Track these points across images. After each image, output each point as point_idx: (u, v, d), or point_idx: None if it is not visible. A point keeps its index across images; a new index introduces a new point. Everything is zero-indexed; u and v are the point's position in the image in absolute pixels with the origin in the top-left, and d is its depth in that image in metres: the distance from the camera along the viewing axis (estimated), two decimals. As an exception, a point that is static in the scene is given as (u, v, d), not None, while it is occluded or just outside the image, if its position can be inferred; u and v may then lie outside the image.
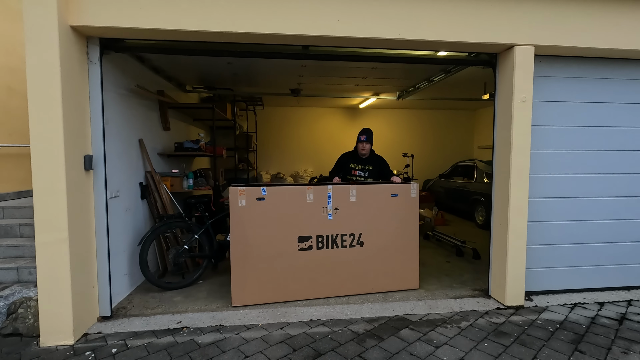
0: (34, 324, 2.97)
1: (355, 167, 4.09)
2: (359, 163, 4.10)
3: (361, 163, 4.10)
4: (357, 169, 4.08)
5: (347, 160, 4.17)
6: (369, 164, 4.07)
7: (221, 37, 3.06)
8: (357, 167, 4.09)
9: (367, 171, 4.05)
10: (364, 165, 4.08)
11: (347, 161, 4.16)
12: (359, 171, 4.07)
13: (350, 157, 4.17)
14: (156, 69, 4.74)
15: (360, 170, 4.07)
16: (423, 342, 2.85)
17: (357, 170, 4.07)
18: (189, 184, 4.82)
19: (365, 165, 4.08)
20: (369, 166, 4.06)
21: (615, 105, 3.72)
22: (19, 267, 3.43)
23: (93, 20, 2.82)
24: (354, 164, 4.11)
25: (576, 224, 3.73)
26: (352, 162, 4.13)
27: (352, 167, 4.11)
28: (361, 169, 4.07)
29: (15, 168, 5.20)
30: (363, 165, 4.08)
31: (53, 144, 2.72)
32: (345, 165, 4.15)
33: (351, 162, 4.13)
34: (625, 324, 3.17)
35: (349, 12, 3.04)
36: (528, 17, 3.26)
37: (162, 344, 2.82)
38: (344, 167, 4.15)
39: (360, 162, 4.10)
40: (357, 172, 4.07)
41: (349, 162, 4.14)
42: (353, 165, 4.11)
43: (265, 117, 9.58)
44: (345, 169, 4.14)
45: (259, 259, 3.48)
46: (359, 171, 4.07)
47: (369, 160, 4.09)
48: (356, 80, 6.06)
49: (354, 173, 4.08)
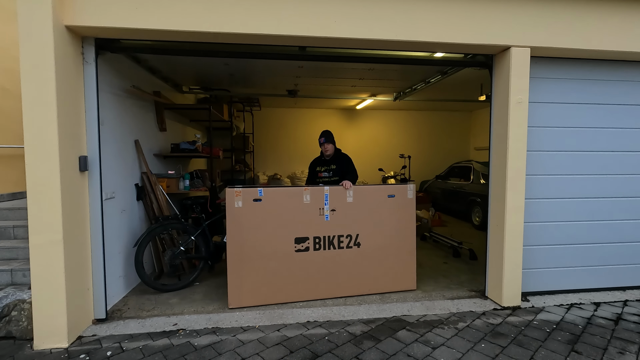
0: (27, 327, 2.94)
1: (321, 169, 4.23)
2: (323, 165, 4.23)
3: (325, 164, 4.22)
4: (322, 171, 4.21)
5: (314, 165, 4.33)
6: (332, 163, 4.17)
7: (217, 37, 3.05)
8: (322, 169, 4.22)
9: (330, 171, 4.15)
10: (327, 165, 4.19)
11: (314, 166, 4.32)
12: (324, 172, 4.19)
13: (316, 162, 4.33)
14: (152, 69, 4.72)
15: (325, 172, 4.18)
16: (420, 344, 2.84)
17: (322, 172, 4.20)
18: (185, 185, 4.80)
19: (329, 166, 4.18)
20: (332, 165, 4.17)
21: (611, 106, 3.74)
22: (12, 269, 3.39)
23: (88, 20, 2.80)
24: (319, 167, 4.25)
25: (572, 225, 3.75)
26: (317, 166, 4.28)
27: (318, 170, 4.25)
28: (325, 169, 4.19)
29: (9, 169, 5.16)
30: (327, 165, 4.20)
31: (47, 145, 2.70)
32: (313, 171, 4.31)
33: (317, 165, 4.29)
34: (621, 324, 3.18)
35: (346, 13, 3.05)
36: (524, 19, 3.28)
37: (158, 347, 2.80)
38: (313, 172, 4.30)
39: (324, 163, 4.23)
40: (322, 174, 4.20)
41: (315, 167, 4.30)
42: (319, 169, 4.25)
43: (262, 118, 9.56)
44: (313, 174, 4.29)
45: (255, 261, 3.47)
46: (324, 172, 4.19)
47: (332, 160, 4.18)
48: (353, 82, 6.06)
49: (320, 175, 4.21)
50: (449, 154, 10.48)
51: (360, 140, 10.23)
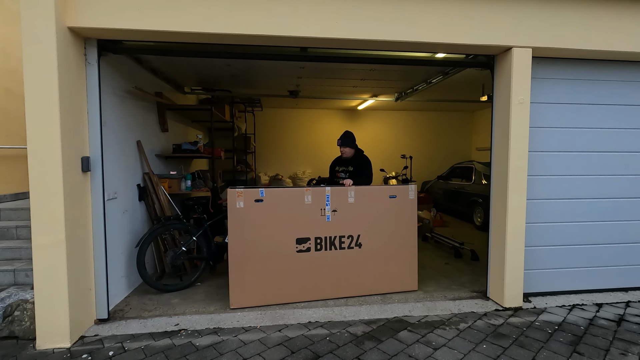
0: (30, 327, 2.95)
1: (339, 169, 4.30)
2: (342, 165, 4.30)
3: (344, 165, 4.28)
4: (340, 171, 4.28)
5: (334, 164, 4.43)
6: (350, 164, 4.23)
7: (219, 38, 3.06)
8: (340, 169, 4.29)
9: (347, 172, 4.21)
10: (346, 166, 4.25)
11: (334, 165, 4.42)
12: (341, 172, 4.26)
13: (337, 161, 4.42)
14: (154, 70, 4.74)
15: (342, 172, 4.25)
16: (421, 344, 2.84)
17: (340, 172, 4.27)
18: (187, 185, 4.81)
19: (347, 167, 4.24)
20: (350, 167, 4.22)
21: (613, 107, 3.73)
22: (15, 269, 3.40)
23: (91, 21, 2.81)
24: (339, 167, 4.33)
25: (574, 225, 3.74)
26: (337, 165, 4.37)
27: (337, 169, 4.34)
28: (343, 170, 4.25)
29: (12, 170, 5.18)
30: (345, 166, 4.26)
31: (50, 145, 2.71)
32: (332, 170, 4.41)
33: (337, 165, 4.38)
34: (624, 325, 3.17)
35: (347, 13, 3.05)
36: (526, 19, 3.28)
37: (160, 347, 2.81)
38: (332, 171, 4.41)
39: (343, 164, 4.29)
40: (340, 173, 4.26)
41: (335, 166, 4.40)
42: (337, 168, 4.33)
43: (264, 119, 9.57)
44: (332, 173, 4.39)
45: (257, 261, 3.47)
46: (342, 172, 4.25)
47: (351, 161, 4.24)
48: (354, 82, 6.06)
49: (338, 175, 4.28)
50: (450, 154, 10.46)
51: (362, 141, 10.00)
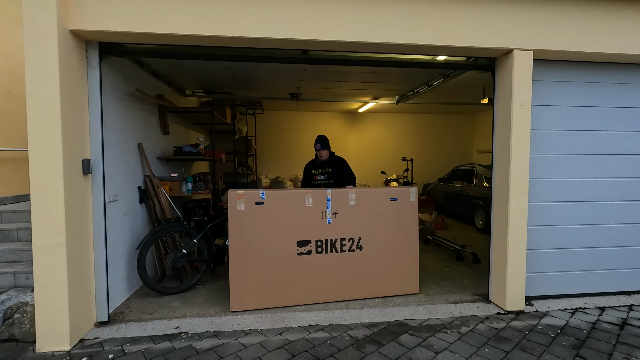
0: (30, 330, 2.94)
1: (316, 172, 4.30)
2: (318, 168, 4.31)
3: (320, 167, 4.29)
4: (317, 174, 4.28)
5: (309, 168, 4.40)
6: (327, 166, 4.25)
7: (221, 41, 3.06)
8: (317, 171, 4.29)
9: (326, 174, 4.23)
10: (323, 168, 4.27)
11: (309, 169, 4.39)
12: (319, 175, 4.27)
13: (311, 165, 4.40)
14: (156, 73, 4.75)
15: (320, 174, 4.26)
16: (423, 348, 2.82)
17: (317, 174, 4.28)
18: (187, 188, 4.80)
19: (324, 169, 4.26)
20: (327, 169, 4.24)
21: (615, 109, 3.72)
22: (16, 271, 3.40)
23: (92, 24, 2.82)
24: (315, 170, 4.32)
25: (576, 228, 3.72)
26: (312, 169, 4.35)
27: (313, 173, 4.32)
28: (321, 172, 4.26)
29: (13, 172, 5.19)
30: (322, 169, 4.27)
31: (51, 148, 2.71)
32: (308, 174, 4.38)
33: (312, 169, 4.36)
34: (627, 329, 3.15)
35: (348, 16, 3.05)
36: (527, 22, 3.28)
37: (160, 350, 2.79)
38: (308, 175, 4.37)
39: (319, 166, 4.30)
40: (317, 176, 4.27)
41: (310, 170, 4.37)
42: (314, 171, 4.32)
43: (265, 121, 9.59)
44: (309, 176, 4.36)
45: (257, 264, 3.46)
46: (319, 175, 4.26)
47: (327, 163, 4.26)
48: (355, 85, 6.07)
49: (315, 178, 4.28)
50: (451, 157, 10.46)
51: (363, 143, 10.23)
